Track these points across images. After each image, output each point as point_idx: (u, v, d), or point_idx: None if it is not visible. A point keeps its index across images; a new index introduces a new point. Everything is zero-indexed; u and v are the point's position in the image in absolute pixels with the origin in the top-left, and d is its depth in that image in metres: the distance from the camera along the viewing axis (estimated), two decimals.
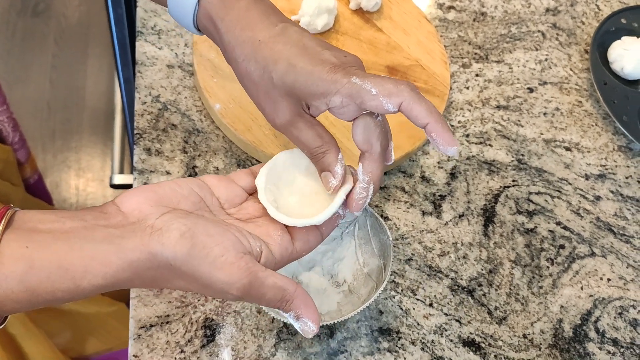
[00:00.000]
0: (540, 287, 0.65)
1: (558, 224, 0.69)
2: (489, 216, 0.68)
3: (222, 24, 0.48)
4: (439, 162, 0.71)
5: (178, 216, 0.43)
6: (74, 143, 1.73)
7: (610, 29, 0.81)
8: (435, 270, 0.64)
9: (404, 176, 0.69)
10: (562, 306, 0.64)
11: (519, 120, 0.75)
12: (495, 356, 0.61)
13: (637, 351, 0.63)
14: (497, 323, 0.62)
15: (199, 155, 0.65)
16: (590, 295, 0.66)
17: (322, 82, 0.45)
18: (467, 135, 0.73)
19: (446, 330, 0.61)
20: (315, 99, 0.46)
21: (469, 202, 0.69)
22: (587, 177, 0.73)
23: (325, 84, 0.45)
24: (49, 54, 1.85)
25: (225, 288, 0.42)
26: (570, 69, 0.80)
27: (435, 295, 0.63)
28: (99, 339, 1.07)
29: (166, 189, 0.45)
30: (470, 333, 0.61)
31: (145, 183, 0.63)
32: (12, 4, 1.91)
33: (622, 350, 0.63)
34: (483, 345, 0.61)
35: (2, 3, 1.91)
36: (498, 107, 0.76)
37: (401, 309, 0.62)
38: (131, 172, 0.80)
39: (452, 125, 0.73)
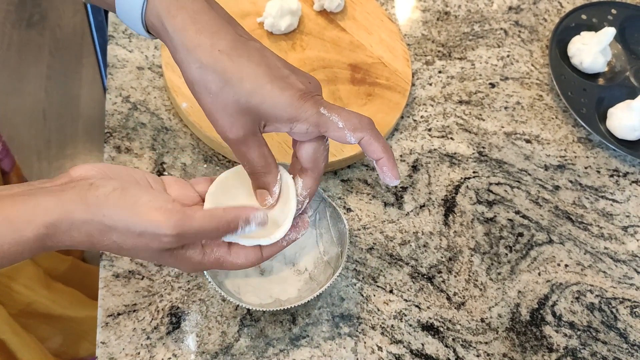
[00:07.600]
0: (499, 274, 0.67)
1: (517, 213, 0.71)
2: (449, 206, 0.71)
3: (173, 21, 0.47)
4: (401, 156, 0.73)
5: (118, 181, 0.45)
6: (69, 151, 1.76)
7: (571, 25, 0.84)
8: (396, 258, 0.67)
9: (367, 169, 0.71)
10: (519, 291, 0.67)
11: (480, 115, 0.77)
12: (453, 339, 0.63)
13: (594, 334, 0.65)
14: (455, 308, 0.65)
15: (167, 152, 0.68)
16: (548, 281, 0.68)
17: (290, 109, 0.47)
18: (430, 129, 0.75)
19: (406, 316, 0.63)
20: (280, 122, 0.48)
21: (430, 193, 0.71)
22: (546, 168, 0.75)
23: (294, 110, 0.47)
24: (44, 65, 1.89)
25: (157, 231, 0.43)
26: (532, 65, 0.83)
27: (395, 282, 0.65)
28: (90, 342, 1.09)
29: (120, 169, 0.48)
30: (429, 318, 0.64)
31: None
32: (7, 16, 1.95)
33: (578, 333, 0.65)
34: (441, 329, 0.63)
35: None
36: (460, 102, 0.78)
37: (362, 295, 0.64)
38: None
39: (414, 120, 0.76)
